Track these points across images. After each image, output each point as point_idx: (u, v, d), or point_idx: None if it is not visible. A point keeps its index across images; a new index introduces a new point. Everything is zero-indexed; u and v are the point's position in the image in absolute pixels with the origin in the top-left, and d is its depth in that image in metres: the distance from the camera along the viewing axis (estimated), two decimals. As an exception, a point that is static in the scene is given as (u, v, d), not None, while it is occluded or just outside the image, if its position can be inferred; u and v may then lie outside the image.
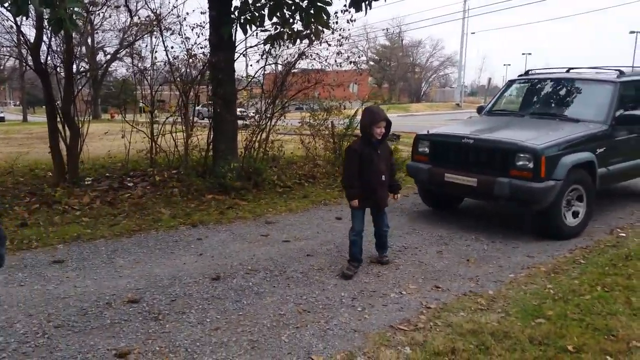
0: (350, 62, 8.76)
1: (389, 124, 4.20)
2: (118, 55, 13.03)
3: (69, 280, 4.05)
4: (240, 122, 8.28)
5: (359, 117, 9.02)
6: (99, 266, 4.40)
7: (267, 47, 7.89)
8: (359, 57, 9.84)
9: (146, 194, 6.87)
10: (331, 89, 8.99)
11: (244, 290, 3.88)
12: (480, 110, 7.47)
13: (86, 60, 14.03)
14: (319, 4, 6.83)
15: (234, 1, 7.21)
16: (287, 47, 8.23)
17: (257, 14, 7.01)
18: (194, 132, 8.15)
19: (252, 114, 8.86)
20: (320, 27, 7.53)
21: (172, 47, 9.61)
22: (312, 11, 6.87)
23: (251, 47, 8.37)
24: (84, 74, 8.77)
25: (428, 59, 68.38)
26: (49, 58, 7.28)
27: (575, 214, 5.42)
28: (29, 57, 7.31)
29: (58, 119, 7.25)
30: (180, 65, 8.10)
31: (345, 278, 4.17)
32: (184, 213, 6.08)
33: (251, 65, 18.87)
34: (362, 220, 4.31)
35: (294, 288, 3.98)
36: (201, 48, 7.77)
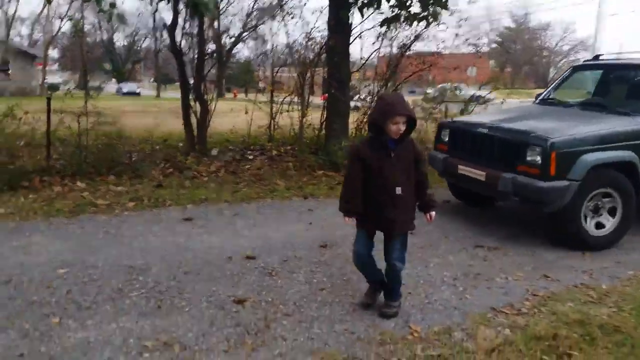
0: (469, 45, 8.53)
1: (411, 120, 2.98)
2: (242, 38, 13.94)
3: (196, 236, 4.58)
4: (351, 103, 8.49)
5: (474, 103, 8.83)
6: (222, 226, 4.90)
7: (383, 29, 7.97)
8: (479, 39, 9.56)
9: (264, 166, 7.40)
10: (447, 72, 8.84)
11: (349, 260, 4.09)
12: (537, 98, 6.60)
13: (214, 42, 15.18)
14: (438, -15, 6.77)
15: (354, -15, 7.37)
16: (403, 29, 8.24)
17: (375, -3, 7.13)
18: (308, 111, 8.54)
19: (364, 96, 9.03)
20: (438, 9, 7.44)
21: (292, 31, 10.14)
22: (430, -7, 6.83)
23: (367, 29, 8.50)
24: (212, 55, 9.53)
25: (557, 42, 63.17)
26: (183, 40, 8.04)
27: (599, 225, 4.59)
28: (165, 39, 8.14)
29: (190, 96, 8.02)
30: (298, 48, 8.51)
31: (363, 306, 3.29)
32: (297, 186, 6.51)
33: (365, 48, 19.10)
34: (363, 243, 3.19)
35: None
36: (319, 32, 8.07)
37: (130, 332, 2.88)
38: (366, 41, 25.54)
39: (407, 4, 7.40)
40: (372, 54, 8.81)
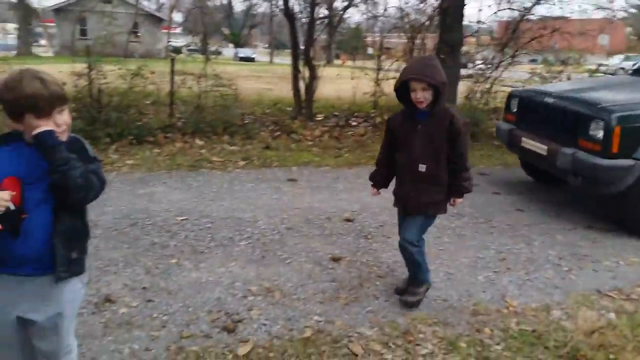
0: (601, 9, 7.76)
1: (434, 88, 2.53)
2: (353, 3, 13.84)
3: (299, 195, 4.81)
4: (462, 70, 8.17)
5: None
6: (323, 188, 5.09)
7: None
8: (612, 1, 8.61)
9: (367, 133, 7.46)
10: (571, 39, 8.12)
11: (446, 230, 4.08)
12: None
13: (326, 6, 15.22)
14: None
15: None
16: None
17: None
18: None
19: (478, 62, 8.63)
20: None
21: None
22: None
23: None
24: (323, 19, 9.62)
25: None
26: (295, 3, 8.21)
27: None
28: (280, 4, 8.35)
29: (300, 61, 8.23)
30: (409, 11, 8.30)
31: (396, 291, 3.03)
32: (399, 154, 6.47)
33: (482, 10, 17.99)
34: (399, 223, 2.95)
35: (497, 237, 4.01)
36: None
37: (237, 276, 3.16)
38: (484, 3, 24.13)
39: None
40: (489, 17, 8.35)
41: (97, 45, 10.80)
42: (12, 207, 1.52)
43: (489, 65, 8.09)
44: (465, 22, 7.85)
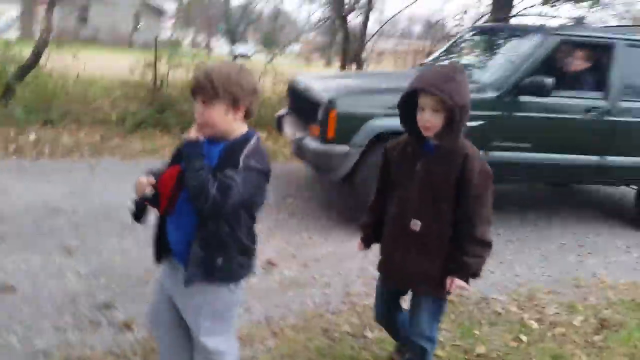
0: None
1: (449, 111, 1.74)
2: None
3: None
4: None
5: None
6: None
7: (545, 8, 8.11)
8: None
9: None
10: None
11: (525, 220, 4.65)
12: None
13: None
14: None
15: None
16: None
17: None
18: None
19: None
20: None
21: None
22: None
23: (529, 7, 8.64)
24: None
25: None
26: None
27: None
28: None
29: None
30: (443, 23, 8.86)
31: None
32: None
33: None
34: (379, 293, 2.20)
35: (570, 227, 4.59)
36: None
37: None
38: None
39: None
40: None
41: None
42: (149, 194, 1.56)
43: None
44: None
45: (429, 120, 1.77)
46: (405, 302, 2.16)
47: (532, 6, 8.39)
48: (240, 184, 1.50)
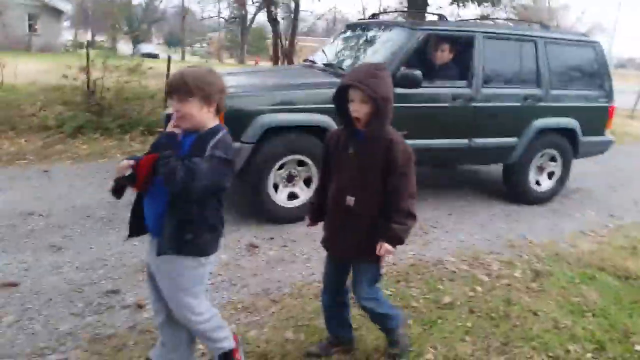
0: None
1: (375, 99, 2.03)
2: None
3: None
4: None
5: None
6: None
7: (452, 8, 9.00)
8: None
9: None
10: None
11: (460, 196, 5.31)
12: None
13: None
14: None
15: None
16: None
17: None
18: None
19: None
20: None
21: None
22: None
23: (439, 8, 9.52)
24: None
25: (574, 24, 63.26)
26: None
27: (292, 196, 4.22)
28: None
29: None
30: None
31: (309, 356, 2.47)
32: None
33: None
34: (326, 271, 2.42)
35: (496, 200, 5.31)
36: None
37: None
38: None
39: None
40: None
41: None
42: (127, 173, 1.84)
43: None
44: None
45: (358, 110, 2.06)
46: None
47: (440, 7, 9.34)
48: (206, 169, 1.75)
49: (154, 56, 43.99)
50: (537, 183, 5.32)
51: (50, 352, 2.34)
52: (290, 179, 4.19)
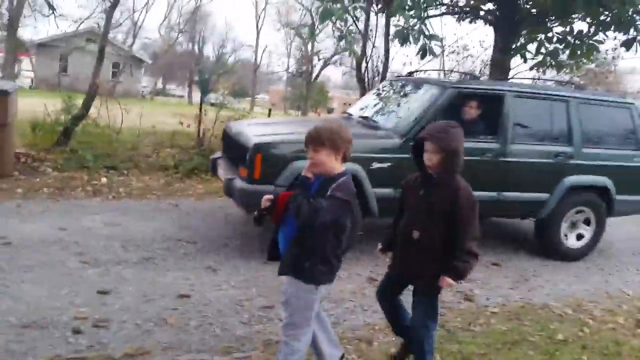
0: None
1: (445, 151, 2.45)
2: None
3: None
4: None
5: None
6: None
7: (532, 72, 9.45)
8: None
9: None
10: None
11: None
12: None
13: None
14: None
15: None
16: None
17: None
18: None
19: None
20: (584, 60, 8.86)
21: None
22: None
23: (521, 71, 10.00)
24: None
25: (642, 87, 61.56)
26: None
27: None
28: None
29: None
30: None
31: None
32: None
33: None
34: (382, 282, 2.88)
35: (591, 259, 5.50)
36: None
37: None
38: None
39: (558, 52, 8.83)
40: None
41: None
42: (267, 206, 2.26)
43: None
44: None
45: (430, 159, 2.47)
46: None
47: (518, 72, 9.80)
48: (326, 208, 2.10)
49: (222, 105, 46.61)
50: (578, 237, 5.28)
51: (235, 350, 2.85)
52: None
